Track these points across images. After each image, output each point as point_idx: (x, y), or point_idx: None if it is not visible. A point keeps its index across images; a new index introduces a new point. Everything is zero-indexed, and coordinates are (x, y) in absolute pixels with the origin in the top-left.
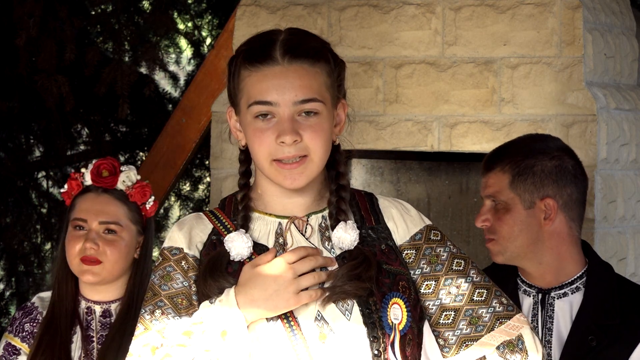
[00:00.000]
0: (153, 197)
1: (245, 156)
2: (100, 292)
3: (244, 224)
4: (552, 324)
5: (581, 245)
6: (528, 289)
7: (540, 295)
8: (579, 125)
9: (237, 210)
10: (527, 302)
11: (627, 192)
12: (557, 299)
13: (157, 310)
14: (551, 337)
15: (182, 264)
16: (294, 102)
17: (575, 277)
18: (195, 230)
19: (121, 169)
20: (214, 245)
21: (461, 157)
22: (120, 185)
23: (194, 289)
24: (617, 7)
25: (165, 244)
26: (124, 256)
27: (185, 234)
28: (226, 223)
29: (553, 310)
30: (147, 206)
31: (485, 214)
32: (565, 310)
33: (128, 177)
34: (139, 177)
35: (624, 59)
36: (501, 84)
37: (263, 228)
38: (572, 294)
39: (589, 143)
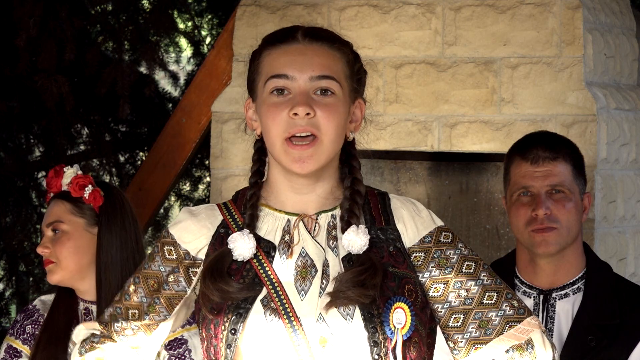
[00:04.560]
0: (91, 187)
1: (259, 155)
2: (89, 293)
3: (250, 223)
4: (553, 325)
5: None
6: (528, 290)
7: (541, 297)
8: (579, 125)
9: (246, 208)
10: (527, 303)
11: (627, 192)
12: (559, 299)
13: (132, 285)
14: (551, 337)
15: (166, 249)
16: (311, 77)
17: (577, 277)
18: (200, 225)
19: (64, 169)
20: (222, 239)
21: (461, 157)
22: (64, 187)
23: (171, 279)
24: (617, 7)
25: (169, 226)
26: (73, 249)
27: (187, 228)
28: (236, 217)
29: (554, 311)
30: (85, 195)
31: (546, 202)
32: (567, 310)
33: (69, 175)
34: (79, 173)
35: (624, 59)
36: (501, 84)
37: (271, 224)
38: (573, 294)
39: (589, 143)
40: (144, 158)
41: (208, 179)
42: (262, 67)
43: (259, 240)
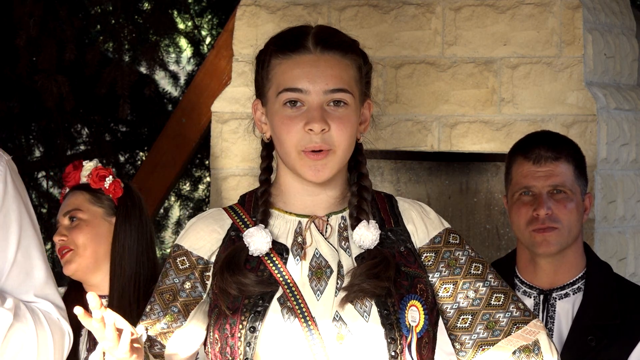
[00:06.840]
0: (111, 177)
1: (267, 152)
2: (100, 288)
3: (264, 219)
4: (553, 325)
5: None
6: (528, 289)
7: (542, 297)
8: (579, 125)
9: (257, 206)
10: (527, 303)
11: (627, 192)
12: (559, 299)
13: (148, 306)
14: (552, 337)
15: (178, 260)
16: (325, 90)
17: (577, 277)
18: (209, 229)
19: (83, 163)
20: (233, 241)
21: (461, 157)
22: (83, 180)
23: (187, 286)
24: (617, 7)
25: (177, 240)
26: (91, 236)
27: (197, 235)
28: (245, 219)
29: (554, 311)
30: (106, 185)
31: (547, 202)
32: (567, 310)
33: (88, 168)
34: (99, 165)
35: (624, 59)
36: (501, 84)
37: (282, 226)
38: (573, 294)
39: (589, 143)
40: (144, 158)
41: (208, 179)
42: (272, 76)
43: (272, 241)
